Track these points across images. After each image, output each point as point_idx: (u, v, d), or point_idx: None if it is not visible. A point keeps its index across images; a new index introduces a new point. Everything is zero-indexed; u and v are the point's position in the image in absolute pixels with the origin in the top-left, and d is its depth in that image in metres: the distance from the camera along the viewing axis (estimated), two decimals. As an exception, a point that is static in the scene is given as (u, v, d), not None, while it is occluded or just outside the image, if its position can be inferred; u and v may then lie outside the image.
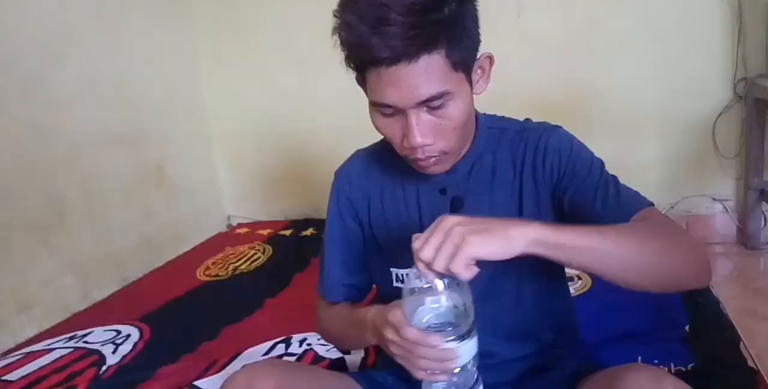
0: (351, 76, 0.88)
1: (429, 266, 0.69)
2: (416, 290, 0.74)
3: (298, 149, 2.78)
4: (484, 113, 0.97)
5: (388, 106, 0.80)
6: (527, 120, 0.97)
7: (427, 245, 0.69)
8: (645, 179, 2.52)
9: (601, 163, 0.90)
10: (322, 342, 1.53)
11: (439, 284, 0.72)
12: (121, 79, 2.29)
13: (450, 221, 0.69)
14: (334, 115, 2.68)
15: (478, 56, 0.84)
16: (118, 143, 2.23)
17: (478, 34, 0.83)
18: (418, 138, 0.79)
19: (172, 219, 2.50)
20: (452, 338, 0.73)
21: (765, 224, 2.42)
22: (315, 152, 2.72)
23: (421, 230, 0.90)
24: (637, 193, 0.87)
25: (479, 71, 0.86)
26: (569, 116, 2.45)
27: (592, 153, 0.91)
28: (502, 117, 0.98)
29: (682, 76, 2.38)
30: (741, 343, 1.51)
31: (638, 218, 0.81)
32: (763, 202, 2.36)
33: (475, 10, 0.82)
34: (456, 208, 0.93)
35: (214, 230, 2.77)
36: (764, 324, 1.85)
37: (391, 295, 0.96)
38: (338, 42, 0.80)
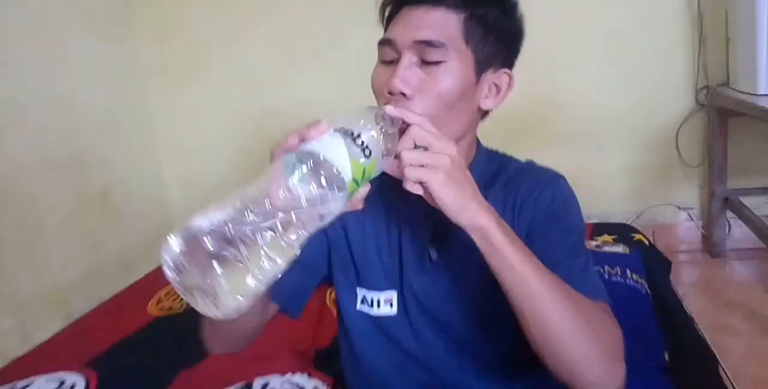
0: (306, 93, 0.84)
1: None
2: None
3: (254, 168, 2.61)
4: (488, 148, 0.96)
5: (389, 43, 0.82)
6: (530, 162, 0.95)
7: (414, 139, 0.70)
8: (610, 188, 2.50)
9: (583, 231, 0.89)
10: (287, 385, 1.43)
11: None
12: (60, 99, 2.12)
13: (449, 152, 0.70)
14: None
15: (498, 68, 0.86)
16: (57, 169, 2.07)
17: (510, 46, 0.87)
18: (398, 80, 0.78)
19: (121, 247, 2.34)
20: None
21: (729, 232, 2.42)
22: (270, 170, 2.60)
23: (400, 257, 0.92)
24: (600, 282, 0.84)
25: (494, 88, 0.87)
26: (533, 127, 2.42)
27: (580, 218, 0.89)
28: (504, 154, 0.97)
29: (644, 85, 2.37)
30: (719, 367, 1.47)
31: None
32: (728, 210, 2.36)
33: (520, 31, 0.88)
34: (439, 235, 0.89)
35: (167, 256, 2.61)
36: (737, 340, 1.83)
37: (352, 317, 0.94)
38: None
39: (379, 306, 0.92)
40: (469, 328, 0.89)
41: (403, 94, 0.79)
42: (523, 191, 0.88)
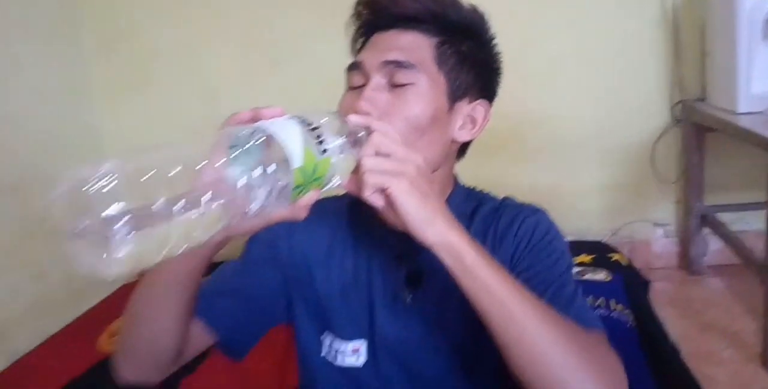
0: (267, 105, 0.72)
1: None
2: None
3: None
4: (465, 186, 0.92)
5: (357, 67, 0.78)
6: (508, 198, 0.91)
7: (377, 146, 0.64)
8: (585, 205, 2.43)
9: (569, 263, 0.83)
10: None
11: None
12: (1, 119, 1.96)
13: (414, 160, 0.65)
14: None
15: (474, 99, 0.83)
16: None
17: (486, 78, 0.85)
18: (364, 101, 0.75)
19: (69, 275, 2.17)
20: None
21: (707, 250, 2.37)
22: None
23: (370, 301, 0.84)
24: (591, 310, 0.80)
25: (468, 120, 0.83)
26: (505, 143, 2.33)
27: (565, 249, 0.84)
28: (482, 191, 0.93)
29: (618, 100, 2.31)
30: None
31: None
32: (705, 227, 2.30)
33: (497, 63, 0.86)
34: (413, 282, 0.83)
35: (119, 282, 2.45)
36: (722, 368, 1.77)
37: (314, 366, 0.88)
38: (353, 16, 0.83)
39: (345, 356, 0.85)
40: (446, 377, 0.83)
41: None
42: (503, 222, 0.85)
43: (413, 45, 0.78)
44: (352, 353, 0.85)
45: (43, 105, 2.18)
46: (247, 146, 0.53)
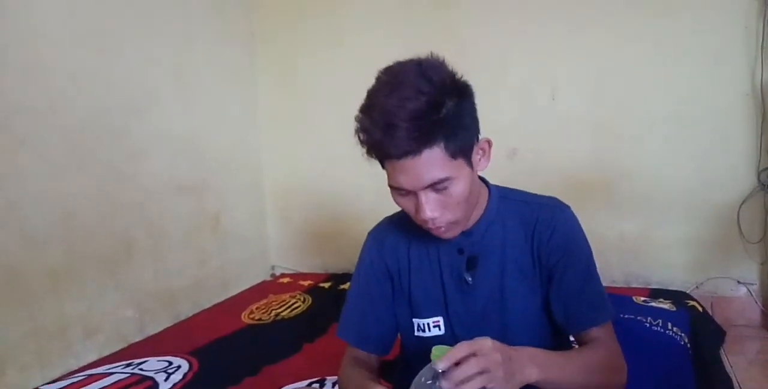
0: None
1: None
2: None
3: (341, 209, 2.99)
4: (496, 186, 1.13)
5: (402, 189, 0.96)
6: (535, 195, 1.13)
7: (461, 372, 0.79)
8: (670, 257, 2.62)
9: (592, 259, 1.07)
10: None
11: None
12: (191, 134, 2.54)
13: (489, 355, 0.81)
14: (375, 179, 2.85)
15: (477, 141, 0.99)
16: (182, 192, 2.47)
17: (475, 124, 0.98)
18: (428, 213, 0.95)
19: (223, 265, 2.70)
20: None
21: (788, 310, 2.47)
22: (356, 212, 2.90)
23: (442, 286, 1.10)
24: (604, 302, 1.05)
25: (480, 152, 1.00)
26: (599, 193, 2.62)
27: (588, 246, 1.08)
28: (512, 189, 1.14)
29: (708, 163, 2.52)
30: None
31: (594, 334, 1.02)
32: (786, 288, 2.43)
33: (472, 106, 0.97)
34: (471, 265, 1.08)
35: (259, 278, 2.96)
36: None
37: (411, 343, 1.13)
38: (359, 140, 0.94)
39: (429, 329, 1.11)
40: (504, 338, 0.99)
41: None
42: (540, 221, 1.07)
43: (432, 161, 0.90)
44: (434, 326, 1.10)
45: (223, 128, 2.78)
46: None
